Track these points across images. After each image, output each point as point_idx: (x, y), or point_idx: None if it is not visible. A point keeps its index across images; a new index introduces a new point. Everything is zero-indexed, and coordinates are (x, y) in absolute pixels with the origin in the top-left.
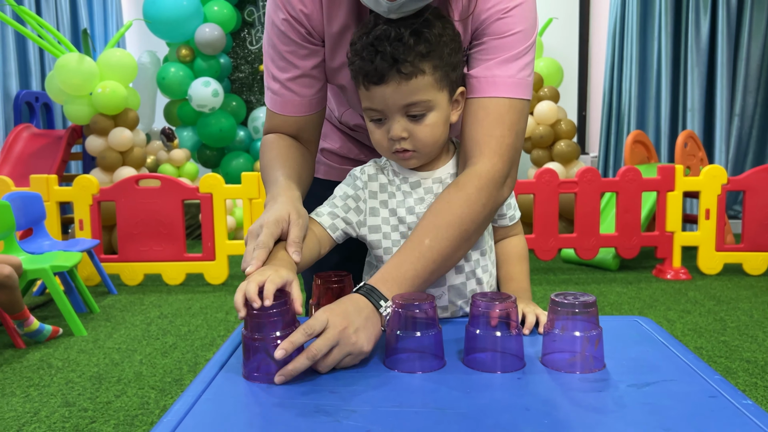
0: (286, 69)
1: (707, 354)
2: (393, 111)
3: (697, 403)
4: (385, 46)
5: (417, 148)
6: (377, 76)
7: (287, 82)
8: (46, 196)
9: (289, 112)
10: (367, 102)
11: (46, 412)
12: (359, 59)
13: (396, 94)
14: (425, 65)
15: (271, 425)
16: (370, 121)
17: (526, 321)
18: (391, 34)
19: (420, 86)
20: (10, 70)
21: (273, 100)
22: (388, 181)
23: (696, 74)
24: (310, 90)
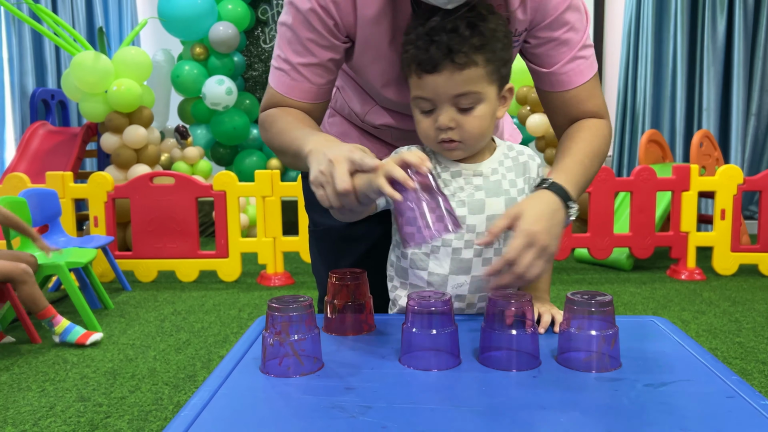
0: (302, 54)
1: (722, 355)
2: (443, 100)
3: (714, 403)
4: (441, 36)
5: (463, 139)
6: (431, 65)
7: (300, 67)
8: (62, 192)
9: (295, 97)
10: (417, 91)
11: (61, 407)
12: (413, 48)
13: (448, 83)
14: (478, 57)
15: (286, 420)
16: (419, 111)
17: (542, 320)
18: (447, 25)
19: (472, 77)
20: (26, 68)
21: (281, 81)
22: (434, 164)
23: (712, 73)
24: (320, 80)
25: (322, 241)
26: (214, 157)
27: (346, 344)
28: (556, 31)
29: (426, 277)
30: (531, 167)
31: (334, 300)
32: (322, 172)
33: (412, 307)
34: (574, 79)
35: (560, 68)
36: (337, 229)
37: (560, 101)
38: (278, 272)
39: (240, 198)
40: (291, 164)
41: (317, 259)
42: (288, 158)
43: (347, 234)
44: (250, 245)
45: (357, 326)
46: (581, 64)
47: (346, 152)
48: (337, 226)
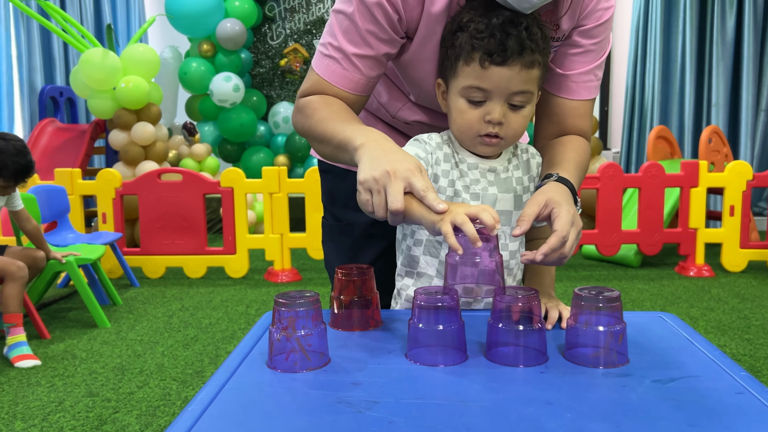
0: (359, 45)
1: (731, 352)
2: (500, 95)
3: (723, 400)
4: (519, 31)
5: (506, 136)
6: (503, 57)
7: (354, 57)
8: (70, 189)
9: (344, 86)
10: (475, 80)
11: (70, 402)
12: (487, 37)
13: (514, 78)
14: (541, 59)
15: (293, 415)
16: (468, 101)
17: (549, 316)
18: (522, 21)
19: (532, 77)
20: (35, 65)
21: (330, 68)
22: (451, 153)
23: (721, 68)
24: (372, 72)
25: (342, 236)
26: (221, 154)
27: (352, 340)
28: (589, 39)
29: (437, 266)
30: (532, 165)
31: (341, 296)
32: (375, 179)
33: (419, 303)
34: (583, 92)
35: (576, 76)
36: (360, 225)
37: (560, 108)
38: (285, 269)
39: (247, 194)
40: (330, 154)
41: (333, 254)
42: (328, 148)
43: (369, 231)
44: (258, 242)
45: (364, 322)
46: (592, 81)
47: (405, 171)
48: (360, 222)
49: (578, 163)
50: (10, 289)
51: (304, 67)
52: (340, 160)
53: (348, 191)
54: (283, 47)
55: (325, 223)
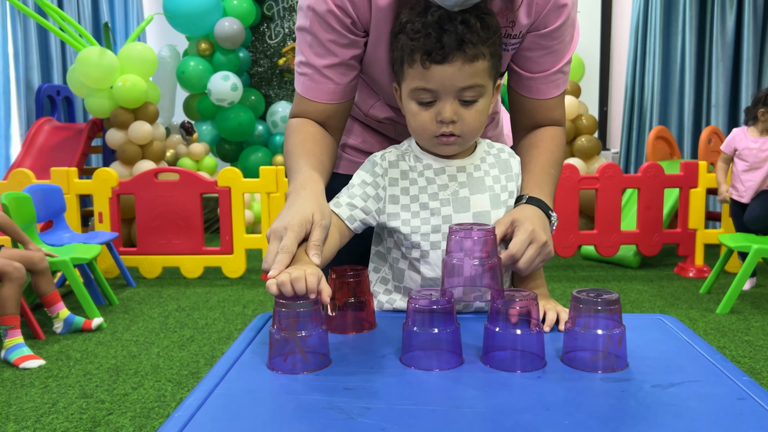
0: (324, 56)
1: (730, 354)
2: (448, 92)
3: (724, 405)
4: (454, 26)
5: (462, 133)
6: (442, 55)
7: (323, 69)
8: (67, 188)
9: (321, 99)
10: (420, 82)
11: (63, 403)
12: (423, 36)
13: (458, 74)
14: (486, 51)
15: (284, 421)
16: (417, 103)
17: (547, 318)
18: (458, 16)
19: (479, 70)
20: (32, 63)
21: (305, 85)
22: (410, 168)
23: (721, 69)
24: (345, 78)
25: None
26: (219, 153)
27: (346, 343)
28: (552, 41)
29: (419, 281)
30: (513, 164)
31: (335, 298)
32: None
33: (414, 306)
34: (552, 92)
35: (543, 78)
36: None
37: (531, 106)
38: None
39: (245, 194)
40: None
41: None
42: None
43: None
44: (255, 241)
45: (358, 324)
46: (560, 78)
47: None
48: None
49: (551, 163)
50: (7, 290)
51: None
52: None
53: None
54: (281, 46)
55: None
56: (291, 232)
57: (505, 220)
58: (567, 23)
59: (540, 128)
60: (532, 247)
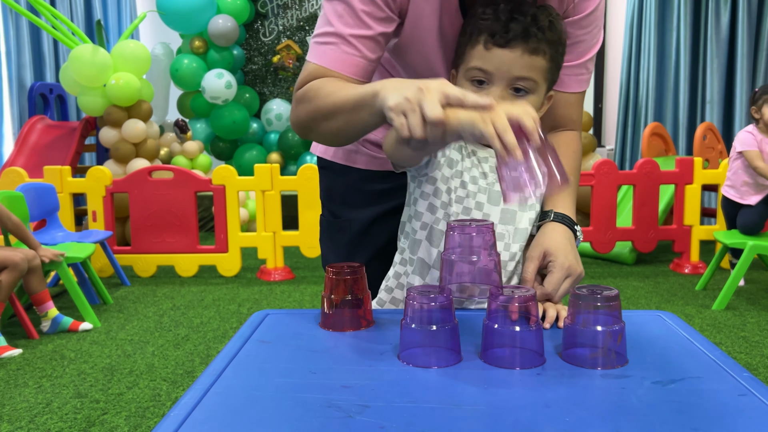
0: (355, 26)
1: (726, 350)
2: (501, 78)
3: (725, 401)
4: (525, 16)
5: None
6: (505, 39)
7: (351, 38)
8: (60, 187)
9: (344, 70)
10: (478, 62)
11: (58, 403)
12: (492, 19)
13: (516, 62)
14: (547, 49)
15: (281, 420)
16: (470, 82)
17: (547, 315)
18: (529, 11)
19: (536, 65)
20: (24, 62)
21: (327, 54)
22: (462, 145)
23: (715, 65)
24: (371, 54)
25: (339, 233)
26: (213, 151)
27: (343, 340)
28: (579, 29)
29: (434, 255)
30: None
31: (332, 295)
32: (407, 99)
33: (411, 302)
34: (574, 85)
35: (568, 68)
36: (358, 221)
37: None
38: (278, 267)
39: (239, 192)
40: (344, 125)
41: (331, 252)
42: (342, 118)
43: (367, 230)
44: (250, 240)
45: (355, 322)
46: (584, 74)
47: (437, 84)
48: (359, 218)
49: (572, 171)
50: (7, 277)
51: (297, 63)
52: (356, 124)
53: (346, 187)
54: (275, 44)
55: (323, 220)
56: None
57: (536, 253)
58: (596, 12)
59: (556, 132)
60: (567, 281)
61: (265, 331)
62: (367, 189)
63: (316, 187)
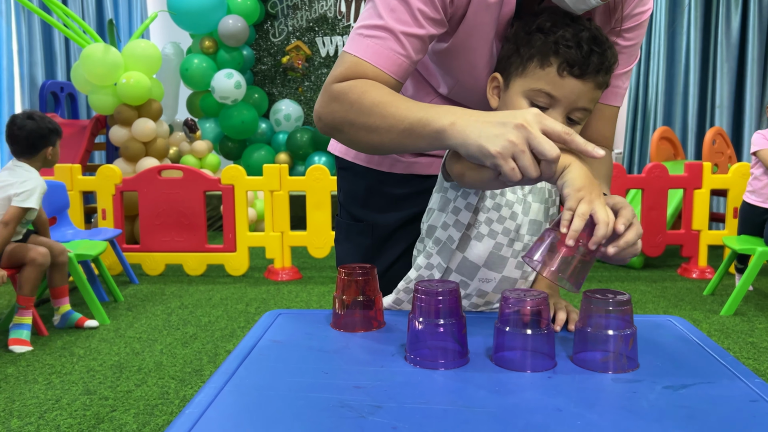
0: (407, 24)
1: (734, 355)
2: (565, 106)
3: (737, 407)
4: (603, 50)
5: None
6: (582, 71)
7: (401, 35)
8: (70, 185)
9: (387, 68)
10: (546, 86)
11: (67, 400)
12: (574, 47)
13: (585, 94)
14: (608, 83)
15: (294, 419)
16: (531, 104)
17: (557, 317)
18: (606, 41)
19: (597, 97)
20: (36, 60)
21: (371, 49)
22: None
23: (725, 69)
24: (417, 55)
25: (360, 236)
26: (222, 151)
27: (354, 341)
28: (626, 41)
29: (458, 260)
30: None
31: (343, 295)
32: (512, 142)
33: (419, 297)
34: (610, 97)
35: None
36: (382, 227)
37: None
38: (286, 267)
39: (248, 192)
40: (391, 141)
41: (348, 254)
42: (391, 134)
43: (389, 235)
44: (258, 239)
45: (366, 323)
46: (620, 88)
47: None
48: (383, 224)
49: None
50: (30, 273)
51: (306, 64)
52: (408, 147)
53: (368, 190)
54: (285, 44)
55: (341, 222)
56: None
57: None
58: (641, 26)
59: None
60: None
61: (277, 330)
62: (387, 192)
63: (324, 187)
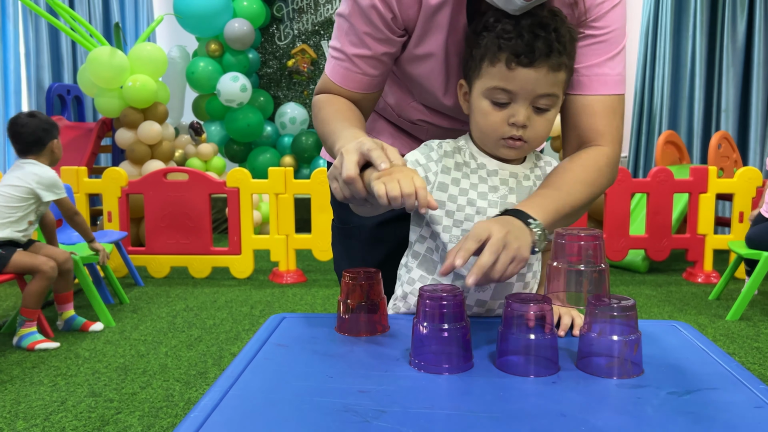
0: (358, 46)
1: (740, 360)
2: (525, 97)
3: (741, 413)
4: (547, 33)
5: (529, 140)
6: (530, 59)
7: (354, 58)
8: (76, 187)
9: (348, 86)
10: (500, 82)
11: (72, 402)
12: (515, 38)
13: (540, 80)
14: (568, 63)
15: (299, 424)
16: (491, 102)
17: (561, 322)
18: (549, 24)
19: (558, 81)
20: (43, 63)
21: (335, 70)
22: (464, 162)
23: (731, 74)
24: (374, 71)
25: (349, 238)
26: (227, 154)
27: (359, 345)
28: (596, 30)
29: (452, 277)
30: None
31: (348, 300)
32: (335, 165)
33: (424, 302)
34: (596, 86)
35: (585, 69)
36: (367, 228)
37: (574, 107)
38: (290, 270)
39: (253, 195)
40: (330, 152)
41: (342, 257)
42: (327, 147)
43: (376, 234)
44: (263, 242)
45: (371, 327)
46: (609, 75)
47: (355, 145)
48: (368, 224)
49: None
50: (35, 285)
51: (311, 68)
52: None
53: None
54: (290, 48)
55: (334, 226)
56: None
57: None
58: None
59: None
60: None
61: (282, 334)
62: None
63: (328, 190)
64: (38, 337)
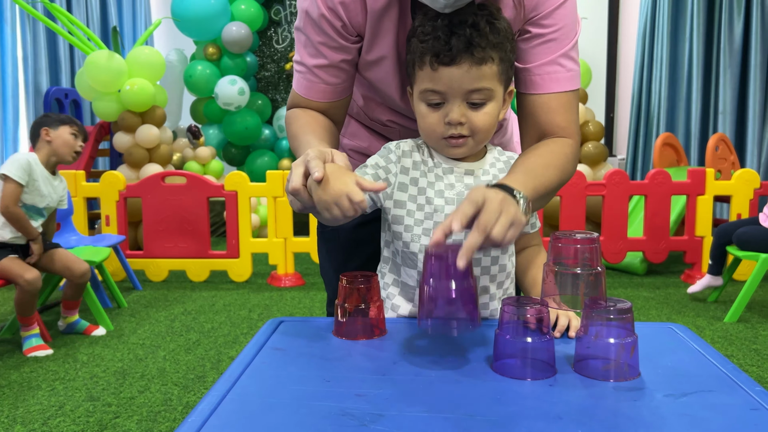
0: (315, 56)
1: (738, 362)
2: (455, 95)
3: (738, 415)
4: (463, 29)
5: (472, 135)
6: (450, 57)
7: (314, 69)
8: (74, 191)
9: (312, 97)
10: (429, 83)
11: (70, 406)
12: (432, 39)
13: (465, 77)
14: (495, 54)
15: (296, 428)
16: (427, 104)
17: (558, 324)
18: (468, 19)
19: (487, 74)
20: (41, 67)
21: (299, 82)
22: (422, 161)
23: (728, 76)
24: (335, 79)
25: (330, 242)
26: (225, 157)
27: (356, 349)
28: (544, 28)
29: (416, 276)
30: None
31: (345, 303)
32: (287, 178)
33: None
34: (549, 84)
35: (537, 68)
36: (345, 230)
37: (530, 106)
38: (289, 273)
39: (251, 198)
40: None
41: (326, 260)
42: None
43: (355, 236)
44: (261, 246)
45: (368, 330)
46: (560, 72)
47: (304, 156)
48: (345, 228)
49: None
50: (18, 297)
51: None
52: None
53: None
54: (288, 51)
55: (318, 230)
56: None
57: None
58: (561, 10)
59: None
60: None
61: (280, 338)
62: None
63: None
64: (34, 342)
